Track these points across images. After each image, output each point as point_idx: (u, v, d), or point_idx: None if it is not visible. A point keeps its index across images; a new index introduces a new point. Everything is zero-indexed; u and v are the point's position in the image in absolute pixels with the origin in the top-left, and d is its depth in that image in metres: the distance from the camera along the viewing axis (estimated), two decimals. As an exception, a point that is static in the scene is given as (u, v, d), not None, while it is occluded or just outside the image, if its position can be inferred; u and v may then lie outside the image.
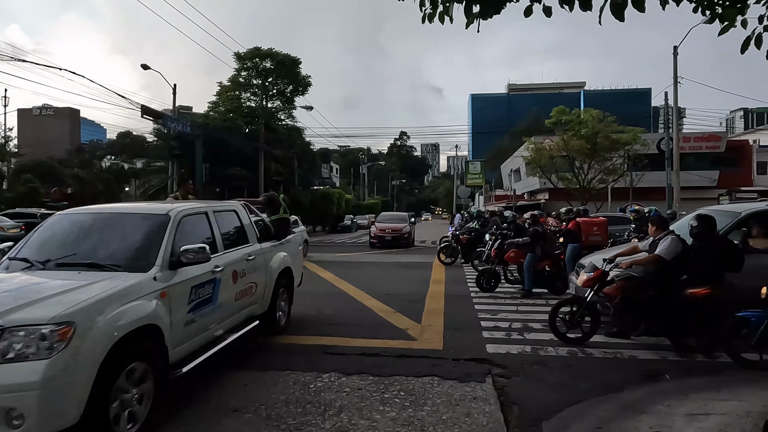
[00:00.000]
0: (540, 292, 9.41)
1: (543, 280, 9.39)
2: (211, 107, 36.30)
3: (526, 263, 9.35)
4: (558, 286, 9.35)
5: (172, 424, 3.76)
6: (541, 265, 9.37)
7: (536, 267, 9.33)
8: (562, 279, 9.47)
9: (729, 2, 4.07)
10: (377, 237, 22.25)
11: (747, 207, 6.97)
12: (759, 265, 5.76)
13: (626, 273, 5.87)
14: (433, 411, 4.05)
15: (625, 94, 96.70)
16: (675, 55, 22.70)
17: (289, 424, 3.79)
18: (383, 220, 24.16)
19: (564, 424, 3.83)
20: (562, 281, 9.42)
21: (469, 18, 3.63)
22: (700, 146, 36.37)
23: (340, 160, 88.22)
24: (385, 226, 22.73)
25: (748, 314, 5.09)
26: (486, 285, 9.67)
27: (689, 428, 3.50)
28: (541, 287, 9.38)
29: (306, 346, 5.92)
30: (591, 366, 5.29)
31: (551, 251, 9.69)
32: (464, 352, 5.67)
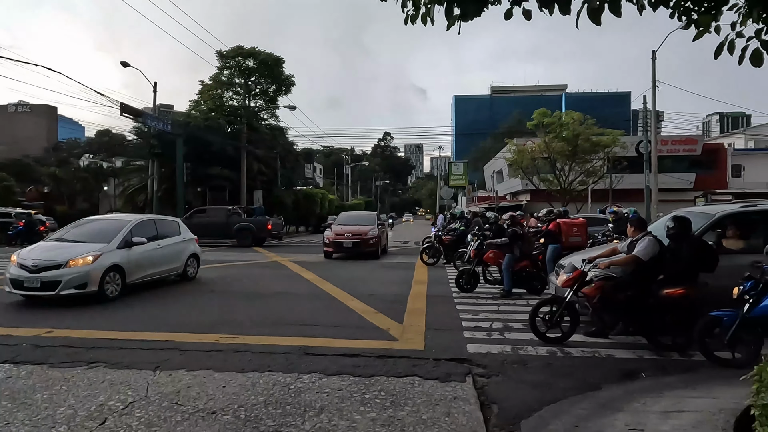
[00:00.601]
0: (520, 293, 9.50)
1: (521, 281, 9.48)
2: (193, 106, 35.86)
3: (504, 264, 9.43)
4: (536, 286, 9.45)
5: (152, 427, 3.70)
6: (519, 265, 9.46)
7: (515, 267, 9.41)
8: (540, 279, 9.59)
9: (704, 9, 4.18)
10: (332, 244, 16.63)
11: (721, 209, 7.14)
12: (732, 265, 5.90)
13: (604, 273, 5.96)
14: (413, 411, 4.06)
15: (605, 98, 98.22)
16: (653, 60, 23.14)
17: (268, 425, 3.76)
18: (344, 221, 18.43)
19: (542, 423, 3.87)
20: (540, 281, 9.53)
21: (450, 20, 3.65)
22: (677, 149, 37.14)
23: (324, 161, 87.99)
24: (344, 229, 17.23)
25: (720, 314, 5.21)
26: (465, 285, 9.73)
27: (664, 425, 3.56)
28: (520, 287, 9.47)
29: (287, 347, 5.88)
30: (570, 365, 5.35)
31: (529, 252, 9.80)
32: (445, 352, 5.70)
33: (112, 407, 4.06)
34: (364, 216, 19.75)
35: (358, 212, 24.39)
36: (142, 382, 4.67)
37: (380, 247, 17.65)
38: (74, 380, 4.71)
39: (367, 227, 17.19)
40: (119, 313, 7.89)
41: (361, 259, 16.42)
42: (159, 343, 6.03)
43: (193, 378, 4.79)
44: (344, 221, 18.41)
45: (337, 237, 16.66)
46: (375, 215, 19.70)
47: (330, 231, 17.09)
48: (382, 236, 18.21)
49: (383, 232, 18.85)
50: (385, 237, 19.29)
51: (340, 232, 16.88)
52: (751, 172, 39.28)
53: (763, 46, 3.82)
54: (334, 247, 16.66)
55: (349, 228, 17.23)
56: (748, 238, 6.76)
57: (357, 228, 17.13)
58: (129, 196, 30.84)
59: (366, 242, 16.62)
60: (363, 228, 17.10)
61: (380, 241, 17.60)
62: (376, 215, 19.92)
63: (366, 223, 17.90)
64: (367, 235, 16.69)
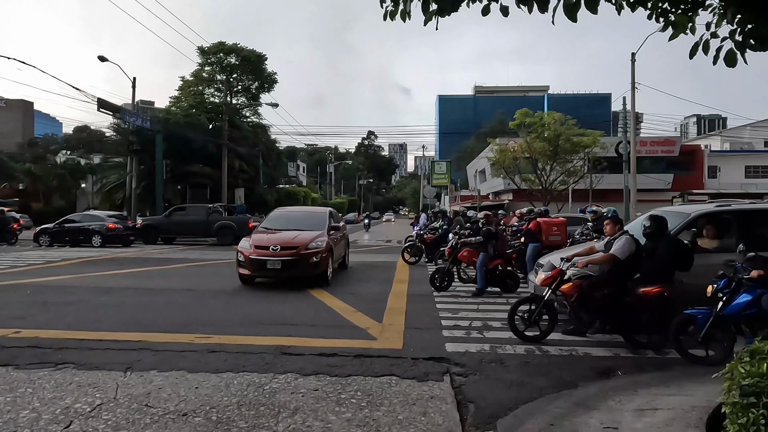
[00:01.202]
0: (495, 291, 9.51)
1: (495, 279, 9.50)
2: (173, 102, 35.38)
3: (478, 262, 9.43)
4: (510, 284, 9.49)
5: (120, 430, 3.59)
6: (493, 264, 9.47)
7: (488, 266, 9.42)
8: (514, 278, 9.65)
9: (681, 10, 4.20)
10: (251, 263, 10.16)
11: (696, 208, 7.24)
12: (706, 264, 5.99)
13: (582, 272, 5.99)
14: (389, 411, 4.01)
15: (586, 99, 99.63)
16: (633, 62, 23.48)
17: (240, 427, 3.67)
18: (274, 224, 11.70)
19: (518, 422, 3.85)
20: (513, 280, 9.58)
21: (427, 15, 3.61)
22: (655, 150, 37.79)
23: (307, 159, 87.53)
24: (272, 238, 10.51)
25: (695, 312, 5.27)
26: (440, 284, 9.73)
27: (638, 423, 3.57)
28: (494, 286, 9.50)
29: (263, 346, 5.78)
30: (547, 363, 5.36)
31: (503, 251, 9.81)
32: (423, 351, 5.66)
33: (79, 410, 3.93)
34: (309, 216, 12.60)
35: (301, 210, 15.76)
36: (112, 383, 4.53)
37: (331, 264, 10.90)
38: (40, 382, 4.56)
39: (309, 235, 10.55)
40: (92, 312, 7.69)
41: (300, 286, 9.95)
42: (131, 343, 5.88)
43: (164, 379, 4.67)
44: (275, 224, 11.62)
45: (259, 251, 10.01)
46: (327, 215, 12.19)
47: (248, 241, 10.46)
48: (336, 247, 11.70)
49: (340, 241, 12.41)
50: (343, 246, 13.21)
51: (264, 243, 10.18)
52: (727, 173, 40.19)
53: (737, 46, 3.85)
54: (252, 267, 10.02)
55: (279, 237, 10.45)
56: (722, 238, 6.86)
57: (293, 236, 10.44)
58: (107, 194, 30.28)
59: (305, 260, 9.96)
60: (303, 237, 10.41)
61: (331, 256, 10.90)
62: (329, 214, 12.30)
63: (310, 226, 11.20)
64: (308, 248, 10.08)
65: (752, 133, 49.16)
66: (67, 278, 11.37)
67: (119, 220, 21.77)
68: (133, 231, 22.07)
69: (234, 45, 35.27)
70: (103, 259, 16.03)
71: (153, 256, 17.05)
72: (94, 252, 18.32)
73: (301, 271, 10.12)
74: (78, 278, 11.35)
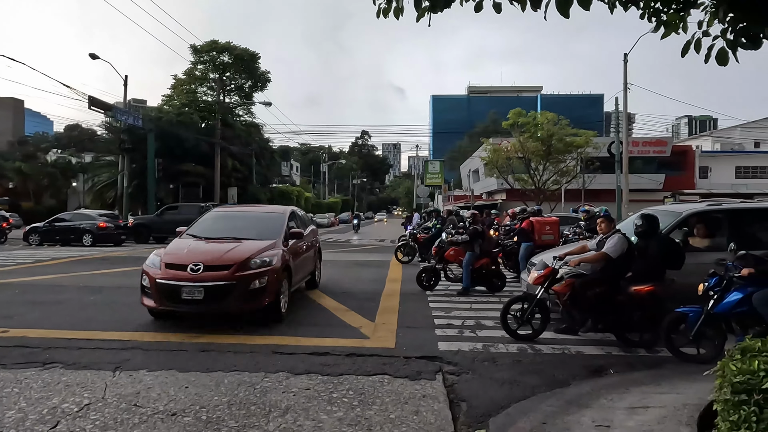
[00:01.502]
0: (484, 290, 9.52)
1: (481, 278, 9.48)
2: (165, 100, 35.16)
3: (465, 261, 9.42)
4: (496, 284, 9.49)
5: (107, 430, 3.54)
6: (479, 263, 9.45)
7: (475, 265, 9.41)
8: (500, 277, 9.65)
9: (673, 9, 4.21)
10: (157, 289, 6.51)
11: (687, 207, 7.27)
12: (697, 263, 6.01)
13: (575, 270, 5.99)
14: (381, 410, 3.98)
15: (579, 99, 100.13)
16: (625, 62, 23.60)
17: (230, 427, 3.64)
18: (203, 230, 8.02)
19: (510, 420, 3.84)
20: (500, 279, 9.58)
21: (419, 11, 3.59)
22: (647, 150, 38.02)
23: (301, 158, 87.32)
24: (191, 253, 6.83)
25: (686, 310, 5.28)
26: (426, 283, 9.71)
27: (629, 421, 3.57)
28: (480, 285, 9.50)
29: (254, 345, 5.74)
30: (539, 362, 5.36)
31: (490, 250, 9.80)
32: (416, 350, 5.65)
33: (66, 410, 3.88)
34: (259, 218, 8.79)
35: (250, 210, 10.17)
36: (100, 383, 4.48)
37: (288, 288, 7.44)
38: (27, 382, 4.49)
39: (253, 246, 7.11)
40: (81, 312, 7.61)
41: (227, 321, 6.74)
42: (121, 342, 5.83)
43: (154, 378, 4.62)
44: (209, 229, 8.05)
45: (171, 273, 6.57)
46: (285, 217, 8.40)
47: (158, 257, 7.01)
48: (298, 262, 8.15)
49: (305, 253, 8.76)
50: (312, 260, 9.46)
51: (181, 259, 6.75)
52: (717, 174, 40.52)
53: (729, 45, 3.86)
54: (159, 296, 6.56)
55: (205, 250, 7.04)
56: (713, 237, 6.89)
57: (227, 249, 6.97)
58: (98, 193, 30.02)
59: (242, 285, 6.50)
60: (242, 249, 6.99)
61: (288, 278, 7.40)
62: (289, 216, 8.55)
63: (259, 233, 7.72)
64: (247, 266, 6.64)
65: (742, 134, 49.60)
66: (56, 277, 11.24)
67: (110, 219, 21.58)
68: (125, 230, 21.90)
69: (227, 43, 35.11)
70: (93, 258, 15.88)
71: (145, 255, 16.82)
72: (85, 251, 18.15)
73: (236, 304, 6.41)
74: (68, 277, 11.23)
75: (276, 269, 6.82)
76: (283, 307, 7.10)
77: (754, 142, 48.55)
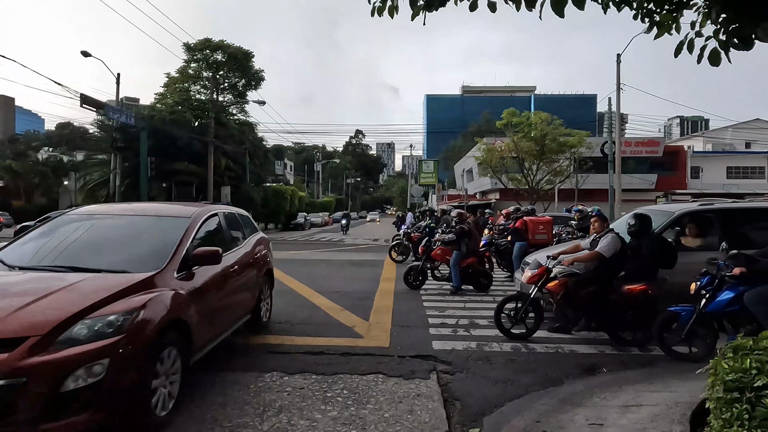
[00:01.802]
0: (468, 289, 9.56)
1: (468, 278, 9.50)
2: (158, 99, 34.90)
3: (452, 260, 9.44)
4: (482, 283, 9.52)
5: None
6: (466, 262, 9.48)
7: (462, 264, 9.44)
8: (487, 276, 9.68)
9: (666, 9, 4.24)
10: None
11: (680, 207, 7.32)
12: (690, 262, 6.04)
13: (568, 270, 6.02)
14: (375, 409, 3.98)
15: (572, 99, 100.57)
16: (618, 63, 23.73)
17: (224, 426, 3.62)
18: (17, 256, 4.24)
19: (504, 419, 3.85)
20: (487, 278, 9.61)
21: (415, 9, 3.58)
22: (640, 150, 38.23)
23: (294, 157, 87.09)
24: None
25: (678, 309, 5.32)
26: (413, 282, 9.72)
27: (622, 420, 3.59)
28: (467, 284, 9.52)
29: (248, 345, 5.72)
30: (533, 360, 5.38)
31: (476, 249, 9.83)
32: (410, 349, 5.65)
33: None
34: (137, 229, 4.88)
35: (124, 212, 5.36)
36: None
37: (185, 365, 3.97)
38: None
39: (95, 288, 3.53)
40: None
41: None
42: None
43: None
44: (33, 252, 4.34)
45: None
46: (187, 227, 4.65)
47: None
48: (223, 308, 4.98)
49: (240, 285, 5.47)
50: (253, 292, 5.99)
51: None
52: (709, 174, 40.83)
53: (721, 46, 3.88)
54: None
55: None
56: (705, 236, 6.94)
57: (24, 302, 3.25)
58: (90, 191, 29.77)
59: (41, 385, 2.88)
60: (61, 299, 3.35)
61: (182, 347, 3.91)
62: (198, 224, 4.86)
63: (126, 260, 4.19)
64: (60, 343, 3.02)
65: (734, 135, 50.03)
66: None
67: (102, 218, 21.43)
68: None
69: (220, 42, 34.87)
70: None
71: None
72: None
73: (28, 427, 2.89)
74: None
75: (142, 338, 3.36)
76: (162, 411, 3.56)
77: (745, 143, 48.97)
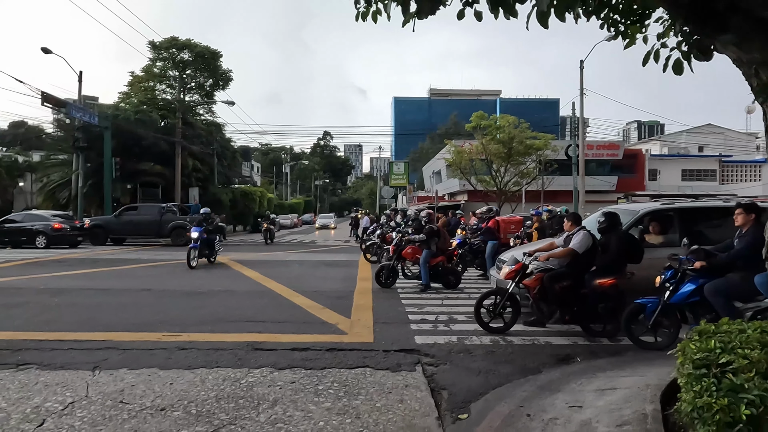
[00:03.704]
0: (437, 287, 9.83)
1: (437, 275, 9.83)
2: (122, 98, 34.01)
3: (422, 259, 9.74)
4: (450, 280, 9.86)
5: (97, 426, 3.54)
6: (435, 261, 9.79)
7: (431, 263, 9.74)
8: (455, 274, 10.04)
9: (631, 21, 4.57)
10: None
11: (644, 206, 7.77)
12: (653, 257, 6.45)
13: (543, 265, 6.32)
14: (367, 399, 4.14)
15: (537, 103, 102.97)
16: (581, 69, 24.59)
17: (221, 419, 3.70)
18: None
19: (490, 405, 4.06)
20: (455, 276, 9.96)
21: (406, 16, 3.77)
22: (601, 153, 39.62)
23: (261, 158, 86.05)
24: None
25: (644, 301, 5.69)
26: (385, 280, 9.96)
27: (599, 401, 3.86)
28: (436, 282, 9.83)
29: (234, 343, 5.78)
30: (511, 352, 5.64)
31: (445, 248, 10.17)
32: (394, 343, 5.82)
33: (50, 408, 3.84)
34: None
35: None
36: (81, 382, 4.43)
37: None
38: (3, 383, 4.40)
39: None
40: (45, 313, 7.39)
41: None
42: (95, 342, 5.73)
43: (136, 376, 4.61)
44: None
45: None
46: None
47: None
48: None
49: None
50: None
51: None
52: (665, 176, 42.70)
53: (684, 56, 4.23)
54: None
55: None
56: (667, 233, 7.40)
57: None
58: (50, 193, 28.71)
59: None
60: None
61: None
62: None
63: None
64: None
65: (688, 139, 52.34)
66: (12, 280, 10.81)
67: (65, 220, 20.75)
68: (81, 231, 21.11)
69: (187, 41, 34.28)
70: (49, 260, 15.29)
71: (103, 257, 16.42)
72: (39, 253, 17.42)
73: None
74: (25, 279, 10.82)
75: None
76: None
77: (698, 147, 51.35)
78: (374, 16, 4.18)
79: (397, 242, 10.63)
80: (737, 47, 3.72)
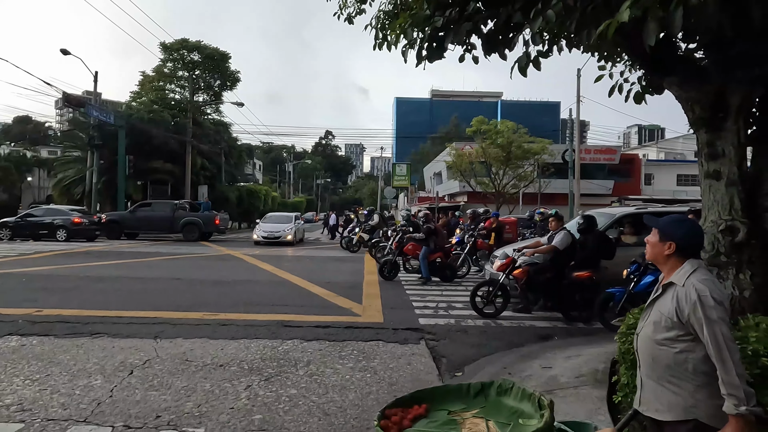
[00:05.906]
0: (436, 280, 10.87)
1: (435, 270, 10.91)
2: (134, 97, 35.05)
3: (421, 255, 10.85)
4: (447, 274, 10.91)
5: (175, 375, 4.56)
6: (433, 256, 10.86)
7: (430, 258, 10.80)
8: (451, 269, 11.12)
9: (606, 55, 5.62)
10: None
11: (621, 210, 8.80)
12: (627, 255, 7.47)
13: (530, 260, 7.37)
14: (382, 362, 5.18)
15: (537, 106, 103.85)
16: (578, 77, 25.61)
17: (269, 372, 4.74)
18: None
19: (479, 367, 5.11)
20: (451, 271, 11.02)
21: (419, 60, 4.79)
22: (599, 158, 40.61)
23: (263, 157, 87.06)
24: None
25: (614, 290, 6.71)
26: (387, 274, 11.01)
27: (566, 364, 4.90)
28: (433, 275, 10.89)
29: (266, 321, 6.81)
30: (501, 332, 6.68)
31: (443, 245, 11.24)
32: (401, 323, 6.87)
33: (133, 363, 4.88)
34: None
35: None
36: (149, 347, 5.47)
37: None
38: (86, 346, 5.43)
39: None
40: (96, 296, 8.40)
41: None
42: (149, 319, 6.77)
43: (192, 344, 5.64)
44: None
45: None
46: None
47: None
48: None
49: None
50: None
51: None
52: (661, 181, 43.72)
53: (643, 90, 5.26)
54: None
55: None
56: (641, 234, 8.41)
57: None
58: (65, 188, 29.73)
59: None
60: None
61: None
62: None
63: None
64: None
65: (684, 144, 53.35)
66: (52, 268, 11.83)
67: (84, 215, 21.81)
68: (98, 226, 22.15)
69: (197, 42, 35.30)
70: (76, 252, 16.32)
71: (125, 251, 17.44)
72: (62, 246, 18.45)
73: None
74: (63, 269, 11.84)
75: None
76: None
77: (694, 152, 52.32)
78: (389, 46, 5.22)
79: (399, 239, 11.68)
80: (679, 87, 4.76)
